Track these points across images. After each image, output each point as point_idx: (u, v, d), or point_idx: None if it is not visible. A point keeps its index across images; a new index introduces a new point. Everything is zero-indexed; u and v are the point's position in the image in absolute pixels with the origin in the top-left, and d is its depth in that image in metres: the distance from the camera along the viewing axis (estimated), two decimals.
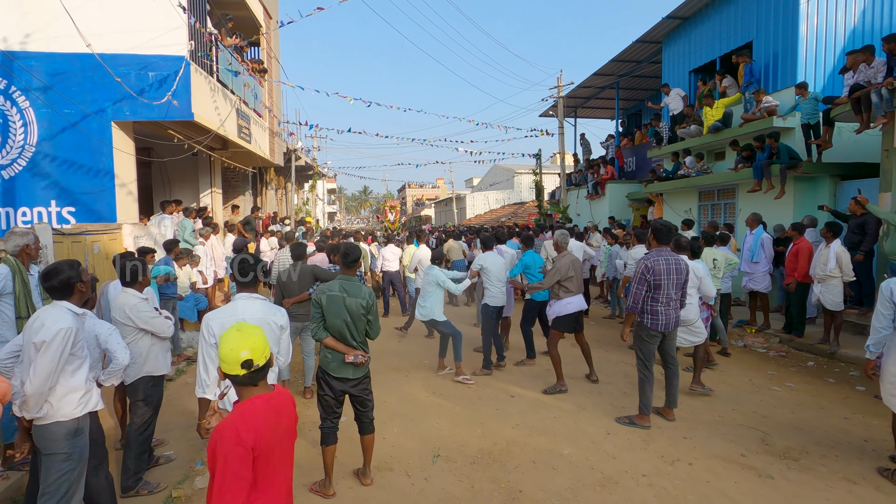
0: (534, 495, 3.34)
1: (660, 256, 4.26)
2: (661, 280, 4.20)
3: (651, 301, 4.28)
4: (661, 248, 4.36)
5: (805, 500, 3.21)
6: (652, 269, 4.21)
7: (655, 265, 4.22)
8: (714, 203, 11.35)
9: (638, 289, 4.27)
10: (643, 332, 4.38)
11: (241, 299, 2.86)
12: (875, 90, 7.08)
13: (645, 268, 4.23)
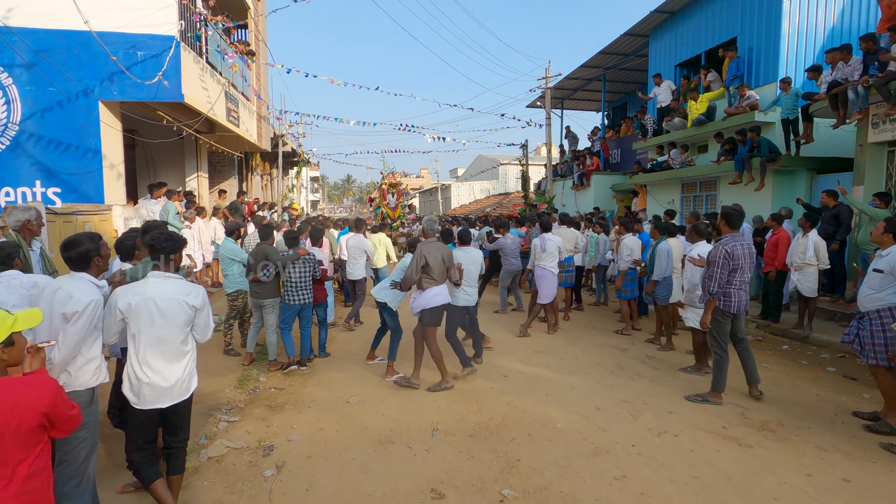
0: (531, 463, 3.52)
1: (735, 242, 4.46)
2: (739, 263, 4.42)
3: (726, 285, 4.47)
4: (734, 233, 4.55)
5: (781, 465, 3.46)
6: (732, 254, 4.40)
7: (734, 250, 4.41)
8: (696, 195, 11.68)
9: (721, 273, 4.42)
10: (718, 314, 4.55)
11: (152, 277, 2.78)
12: (852, 87, 7.40)
13: (726, 253, 4.40)
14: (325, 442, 3.91)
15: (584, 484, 3.24)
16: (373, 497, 3.13)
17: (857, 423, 4.14)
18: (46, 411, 1.79)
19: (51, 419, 1.81)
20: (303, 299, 5.68)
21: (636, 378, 5.36)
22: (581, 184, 16.06)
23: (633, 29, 13.46)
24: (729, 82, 10.46)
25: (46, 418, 1.80)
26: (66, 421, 1.87)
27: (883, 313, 3.96)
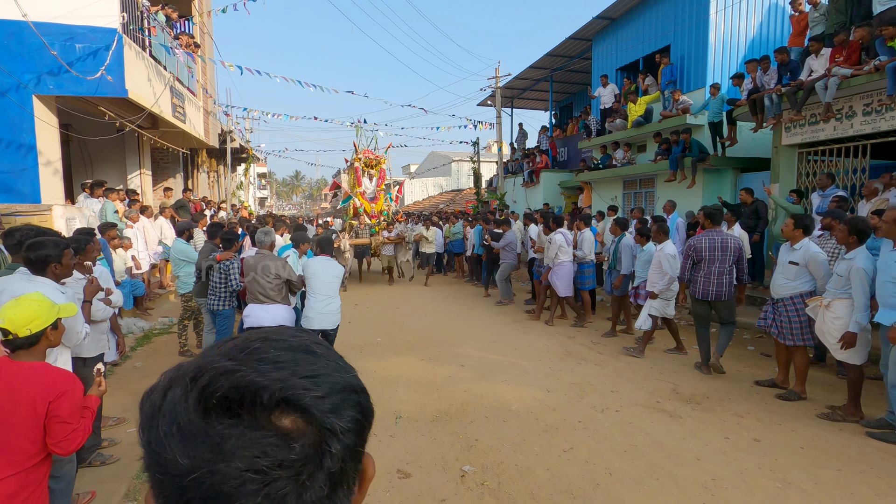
0: (488, 442, 3.82)
1: (704, 237, 5.19)
2: (703, 256, 5.15)
3: (692, 273, 5.26)
4: (715, 228, 5.25)
5: (704, 431, 3.95)
6: (695, 247, 5.15)
7: (699, 243, 5.16)
8: (636, 191, 12.47)
9: (686, 263, 5.27)
10: (691, 298, 5.41)
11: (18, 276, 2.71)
12: (768, 95, 8.21)
13: (689, 246, 5.23)
14: None
15: (536, 457, 3.58)
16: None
17: (769, 394, 4.73)
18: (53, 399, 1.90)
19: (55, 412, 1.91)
20: (213, 305, 5.22)
21: (582, 362, 5.81)
22: (531, 181, 16.66)
23: (577, 33, 14.11)
24: (664, 87, 11.24)
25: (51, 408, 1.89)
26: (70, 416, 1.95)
27: (796, 299, 4.53)
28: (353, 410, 0.50)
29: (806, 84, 7.56)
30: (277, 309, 4.52)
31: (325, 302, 4.70)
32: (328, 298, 4.72)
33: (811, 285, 4.44)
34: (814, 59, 7.62)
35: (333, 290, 4.79)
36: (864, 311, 3.80)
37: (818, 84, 7.32)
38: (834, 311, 4.04)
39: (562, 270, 7.39)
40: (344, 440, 0.48)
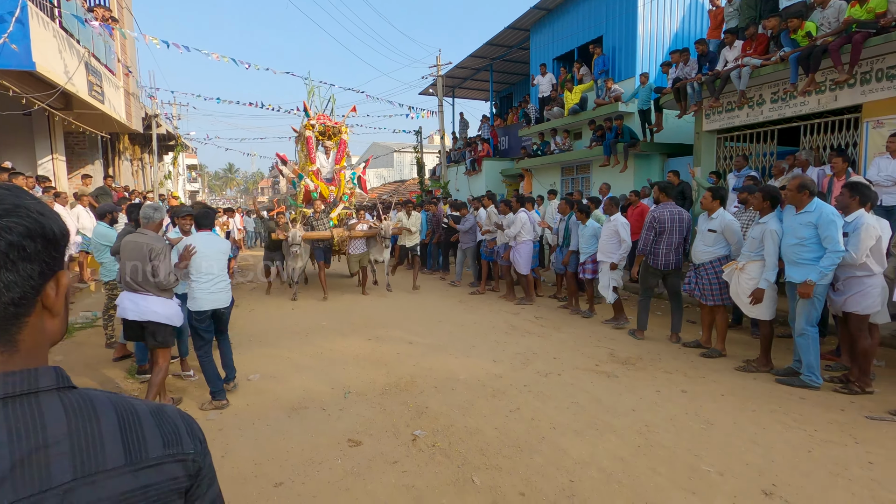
0: (438, 409, 3.89)
1: (665, 209, 5.44)
2: (665, 227, 5.39)
3: (653, 245, 5.47)
4: (669, 202, 5.54)
5: (638, 387, 4.23)
6: (659, 219, 5.37)
7: (661, 215, 5.39)
8: (574, 177, 12.99)
9: (648, 235, 5.47)
10: (647, 268, 5.63)
11: None
12: (689, 83, 8.80)
13: (653, 218, 5.39)
14: (235, 416, 3.91)
15: (484, 418, 3.69)
16: (291, 453, 3.27)
17: (695, 353, 5.14)
18: None
19: None
20: None
21: (527, 335, 6.02)
22: (473, 169, 16.88)
23: (515, 23, 14.39)
24: (597, 76, 11.75)
25: None
26: None
27: (715, 263, 4.95)
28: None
29: (722, 73, 8.18)
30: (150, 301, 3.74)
31: (213, 281, 4.16)
32: (216, 277, 4.17)
33: (727, 250, 4.86)
34: (728, 51, 8.25)
35: (221, 268, 4.26)
36: (773, 269, 4.22)
37: (733, 73, 7.94)
38: (748, 272, 4.45)
39: (524, 249, 7.59)
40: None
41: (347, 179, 9.67)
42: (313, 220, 8.68)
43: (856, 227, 3.93)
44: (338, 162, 9.57)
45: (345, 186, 9.57)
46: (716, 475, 2.86)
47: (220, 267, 4.27)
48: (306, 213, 8.95)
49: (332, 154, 9.56)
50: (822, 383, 4.07)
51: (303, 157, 9.56)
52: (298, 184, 9.11)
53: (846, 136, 7.23)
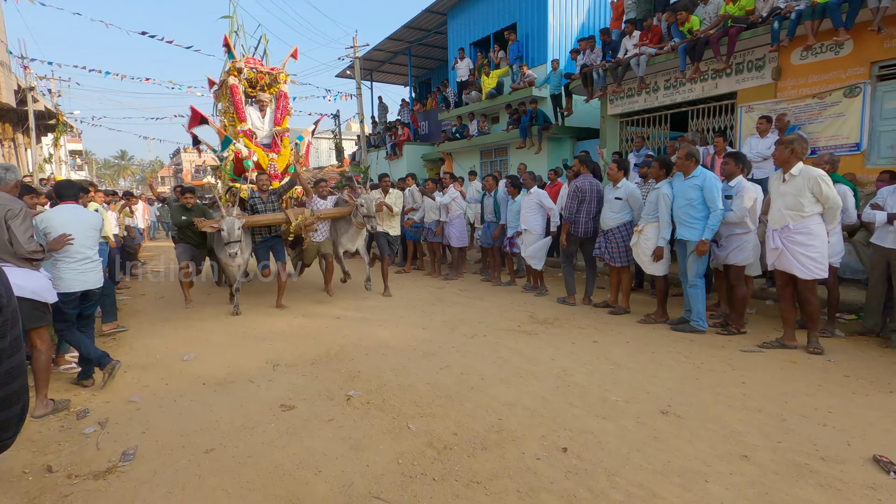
0: (370, 372, 3.97)
1: (586, 180, 5.83)
2: (586, 197, 5.80)
3: (576, 214, 5.86)
4: (588, 174, 5.94)
5: (555, 341, 4.60)
6: (581, 189, 5.81)
7: (583, 185, 5.80)
8: (492, 160, 13.44)
9: (571, 204, 5.86)
10: (568, 237, 5.99)
11: None
12: (595, 70, 9.46)
13: (576, 188, 5.81)
14: (154, 395, 3.71)
15: (416, 376, 3.83)
16: (220, 422, 3.18)
17: (604, 312, 5.65)
18: None
19: None
20: None
21: (452, 305, 6.24)
22: (394, 154, 16.85)
23: (433, 6, 14.48)
24: (512, 61, 12.21)
25: None
26: None
27: (621, 227, 5.46)
28: None
29: (623, 61, 8.89)
30: (10, 273, 3.01)
31: (83, 261, 3.73)
32: (85, 256, 3.74)
33: (631, 215, 5.38)
34: (628, 40, 8.98)
35: (91, 245, 3.82)
36: (667, 227, 4.76)
37: (633, 61, 8.67)
38: (646, 233, 4.98)
39: (458, 224, 7.85)
40: None
41: (292, 146, 7.15)
42: (256, 200, 6.15)
43: (738, 189, 4.54)
44: (278, 122, 7.10)
45: (289, 154, 7.02)
46: (622, 403, 3.24)
47: (88, 243, 3.79)
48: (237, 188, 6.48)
49: (270, 111, 7.11)
50: (707, 327, 4.70)
51: (226, 116, 7.06)
52: (225, 150, 6.53)
53: (725, 119, 8.21)
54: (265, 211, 6.16)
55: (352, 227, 6.51)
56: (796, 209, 3.99)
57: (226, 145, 6.50)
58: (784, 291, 4.27)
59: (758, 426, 2.88)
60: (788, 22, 6.62)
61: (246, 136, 6.72)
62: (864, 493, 2.25)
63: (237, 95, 6.82)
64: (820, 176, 3.89)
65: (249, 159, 6.62)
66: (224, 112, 7.15)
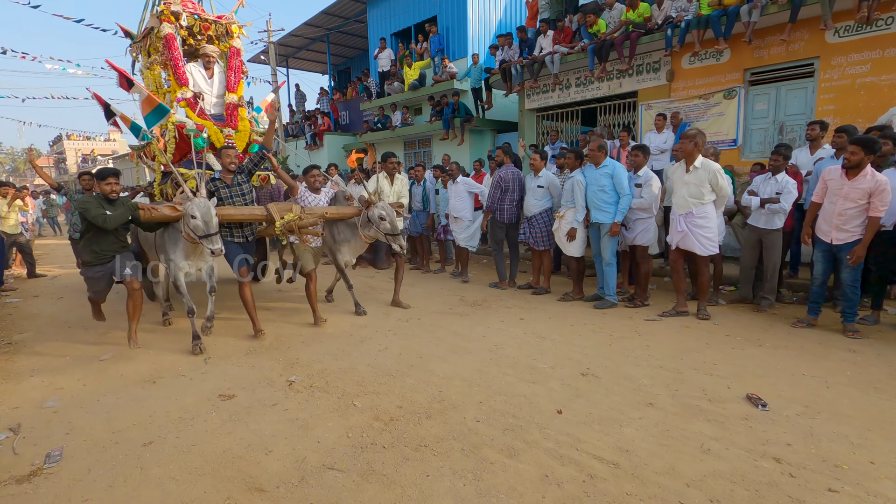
0: (310, 358, 4.01)
1: (508, 170, 6.10)
2: (508, 185, 6.10)
3: (499, 202, 6.12)
4: (510, 164, 6.23)
5: (486, 320, 4.91)
6: (503, 178, 6.07)
7: (505, 175, 6.07)
8: (416, 151, 13.60)
9: (494, 193, 6.12)
10: (494, 224, 6.24)
11: None
12: (513, 66, 9.93)
13: (499, 178, 6.06)
14: (72, 397, 3.48)
15: (356, 359, 3.94)
16: (155, 416, 3.09)
17: (528, 293, 6.07)
18: None
19: None
20: None
21: (384, 293, 6.35)
22: (314, 143, 16.39)
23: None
24: (434, 54, 12.41)
25: None
26: None
27: (543, 214, 5.87)
28: None
29: (539, 58, 9.43)
30: None
31: None
32: None
33: (551, 202, 5.83)
34: (543, 38, 9.53)
35: None
36: (581, 211, 5.25)
37: (547, 59, 9.22)
38: (566, 218, 5.45)
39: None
40: None
41: (251, 119, 5.65)
42: (219, 184, 4.48)
43: (646, 179, 5.11)
44: (232, 87, 5.50)
45: (250, 131, 5.53)
46: (549, 369, 3.60)
47: None
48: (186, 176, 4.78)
49: (219, 73, 5.54)
50: (618, 301, 5.26)
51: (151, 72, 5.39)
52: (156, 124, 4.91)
53: (629, 115, 9.03)
54: (232, 200, 4.46)
55: (356, 238, 5.04)
56: (698, 197, 4.62)
57: (158, 117, 4.82)
58: (679, 267, 4.91)
59: (660, 379, 3.36)
60: (679, 30, 7.44)
61: (189, 104, 5.20)
62: (740, 422, 2.75)
63: (175, 50, 5.18)
64: (717, 169, 4.56)
65: (200, 136, 5.05)
66: (149, 69, 5.43)
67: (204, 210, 3.96)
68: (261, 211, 4.50)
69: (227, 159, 4.50)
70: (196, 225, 3.96)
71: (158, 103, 4.79)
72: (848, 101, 6.65)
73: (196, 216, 3.95)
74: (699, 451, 2.48)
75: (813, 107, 6.97)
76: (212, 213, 3.99)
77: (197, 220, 3.95)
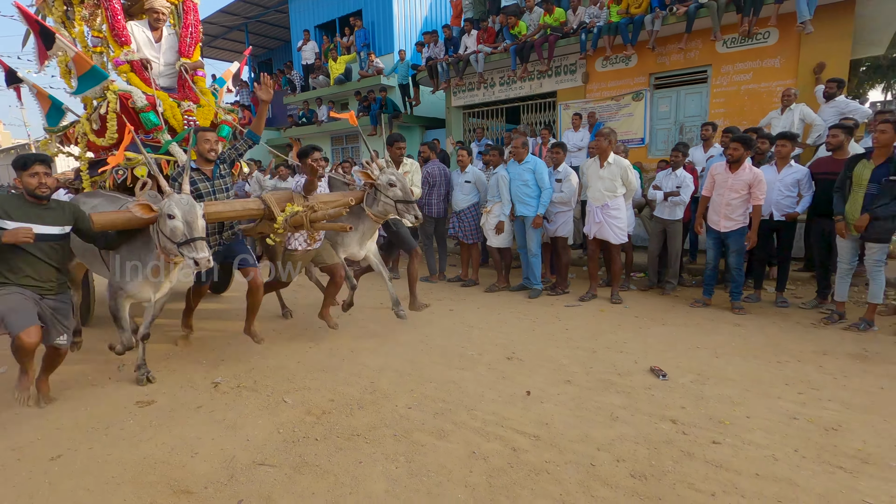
0: (235, 357, 3.89)
1: (434, 165, 6.22)
2: (435, 181, 6.21)
3: (427, 196, 6.22)
4: (435, 158, 6.37)
5: (417, 314, 4.99)
6: (430, 174, 6.16)
7: (432, 170, 6.17)
8: (343, 147, 13.40)
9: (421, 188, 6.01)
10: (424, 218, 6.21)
11: None
12: (439, 63, 10.09)
13: (427, 173, 6.15)
14: None
15: (285, 356, 3.89)
16: (63, 429, 2.87)
17: (458, 285, 6.25)
18: None
19: None
20: None
21: (314, 289, 6.24)
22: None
23: None
24: (360, 48, 12.27)
25: None
26: None
27: (471, 208, 6.06)
28: None
29: (463, 57, 9.65)
30: None
31: None
32: None
33: (479, 197, 6.04)
34: (468, 38, 9.76)
35: None
36: (507, 204, 5.50)
37: (472, 58, 9.46)
38: (493, 212, 5.67)
39: None
40: None
41: (214, 92, 4.74)
42: (197, 177, 3.58)
43: (566, 174, 5.44)
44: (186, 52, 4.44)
45: (215, 107, 4.55)
46: (476, 355, 3.77)
47: None
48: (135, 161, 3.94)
49: (170, 34, 4.48)
50: (542, 289, 5.58)
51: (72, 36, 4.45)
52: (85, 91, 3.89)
53: (549, 114, 9.51)
54: (215, 197, 3.60)
55: (365, 221, 4.12)
56: (611, 190, 5.03)
57: (91, 83, 3.74)
58: (594, 256, 5.31)
59: (577, 359, 3.65)
60: (592, 35, 7.95)
61: (134, 69, 4.10)
62: (644, 392, 3.07)
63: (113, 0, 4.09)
64: (628, 165, 5.03)
65: (152, 111, 3.95)
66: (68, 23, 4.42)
67: (186, 207, 2.94)
68: (256, 205, 3.56)
69: (207, 145, 3.53)
70: (175, 228, 2.92)
71: (92, 65, 3.76)
72: (735, 105, 7.47)
73: (175, 215, 2.91)
74: (609, 419, 2.74)
75: (707, 109, 7.75)
76: (197, 212, 2.97)
77: (176, 220, 2.91)
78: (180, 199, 2.99)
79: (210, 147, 3.56)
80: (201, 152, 3.57)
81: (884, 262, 4.00)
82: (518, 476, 2.27)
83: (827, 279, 4.72)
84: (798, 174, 4.71)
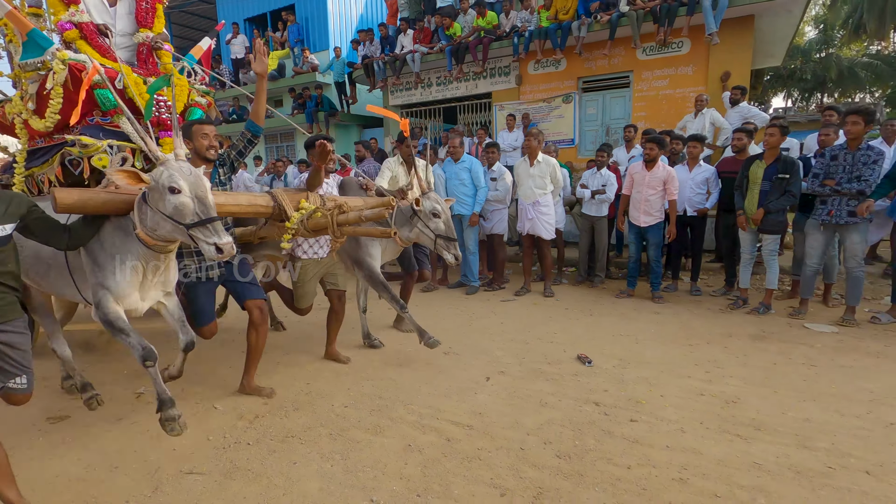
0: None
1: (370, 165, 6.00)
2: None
3: None
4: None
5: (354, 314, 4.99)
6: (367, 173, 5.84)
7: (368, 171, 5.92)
8: (278, 145, 12.99)
9: None
10: None
11: None
12: (375, 62, 10.03)
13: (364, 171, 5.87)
14: None
15: (216, 362, 3.75)
16: None
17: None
18: None
19: None
20: None
21: None
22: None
23: None
24: (293, 44, 11.95)
25: None
26: None
27: None
28: None
29: (400, 56, 9.67)
30: None
31: None
32: None
33: None
34: (404, 37, 9.78)
35: None
36: None
37: (408, 57, 9.50)
38: None
39: None
40: None
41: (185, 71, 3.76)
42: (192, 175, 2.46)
43: (500, 173, 5.60)
44: (145, 21, 3.52)
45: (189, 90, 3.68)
46: (414, 352, 3.82)
47: None
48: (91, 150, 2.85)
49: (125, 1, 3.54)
50: (479, 285, 5.72)
51: None
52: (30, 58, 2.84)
53: (485, 115, 9.73)
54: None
55: (388, 242, 3.75)
56: (541, 188, 5.26)
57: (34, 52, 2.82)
58: (528, 251, 5.53)
59: (511, 350, 3.80)
60: (524, 39, 8.23)
61: (86, 35, 3.17)
62: (571, 378, 3.26)
63: None
64: (556, 164, 5.31)
65: (108, 89, 2.72)
66: None
67: (192, 178, 2.17)
68: (264, 200, 2.85)
69: (206, 141, 2.83)
70: (181, 204, 2.12)
71: (33, 27, 2.83)
72: (654, 109, 8.01)
73: (180, 187, 2.12)
74: (538, 406, 2.89)
75: (630, 113, 8.25)
76: (206, 185, 2.22)
77: (183, 194, 2.12)
78: (181, 167, 2.16)
79: (209, 143, 2.84)
80: (198, 149, 2.82)
81: (777, 252, 4.47)
82: (451, 465, 2.34)
83: (733, 269, 5.19)
84: (707, 173, 5.16)
